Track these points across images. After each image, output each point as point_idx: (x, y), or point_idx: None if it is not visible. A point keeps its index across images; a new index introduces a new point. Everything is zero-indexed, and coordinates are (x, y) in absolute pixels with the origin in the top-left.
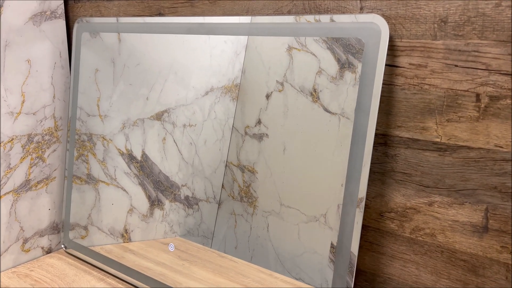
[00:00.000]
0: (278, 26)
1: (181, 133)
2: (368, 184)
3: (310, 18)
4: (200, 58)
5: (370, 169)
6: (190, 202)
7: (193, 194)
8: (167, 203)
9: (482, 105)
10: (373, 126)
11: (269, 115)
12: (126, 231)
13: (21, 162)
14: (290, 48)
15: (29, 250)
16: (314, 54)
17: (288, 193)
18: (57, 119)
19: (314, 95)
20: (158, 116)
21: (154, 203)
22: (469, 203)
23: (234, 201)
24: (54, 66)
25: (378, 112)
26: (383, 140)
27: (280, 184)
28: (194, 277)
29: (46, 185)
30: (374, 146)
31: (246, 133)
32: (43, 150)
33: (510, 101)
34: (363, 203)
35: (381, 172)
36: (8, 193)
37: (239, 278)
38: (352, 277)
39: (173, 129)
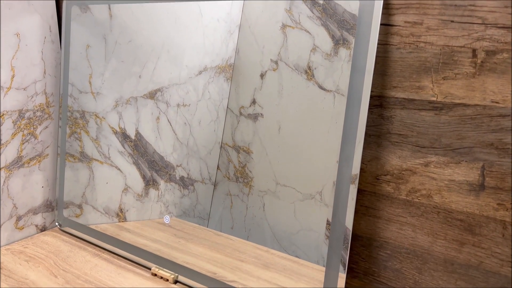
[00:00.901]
0: None
1: (175, 113)
2: (364, 148)
3: None
4: (192, 37)
5: (366, 132)
6: (185, 183)
7: (188, 174)
8: (162, 183)
9: (479, 61)
10: (368, 86)
11: (264, 95)
12: (121, 210)
13: (12, 138)
14: (284, 26)
15: (22, 228)
16: (308, 31)
17: (283, 172)
18: (48, 95)
19: (309, 72)
20: (151, 95)
21: (149, 183)
22: (466, 161)
23: (230, 181)
24: (44, 41)
25: (374, 73)
26: (378, 102)
27: (276, 164)
28: (190, 253)
29: (38, 162)
30: (369, 108)
31: (241, 114)
32: (34, 126)
33: (507, 55)
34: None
35: (376, 135)
36: None
37: (235, 254)
38: (347, 251)
39: (167, 108)
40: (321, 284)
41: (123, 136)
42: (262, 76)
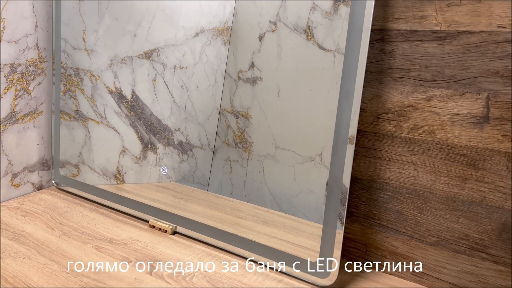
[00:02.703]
0: None
1: (172, 75)
2: (364, 86)
3: None
4: None
5: (367, 69)
6: (184, 148)
7: (186, 139)
8: (160, 147)
9: None
10: (369, 17)
11: (262, 58)
12: (119, 172)
13: (5, 93)
14: None
15: (19, 185)
16: None
17: (283, 135)
18: (40, 50)
19: (308, 32)
20: (147, 55)
21: (147, 145)
22: (470, 92)
23: (229, 147)
24: None
25: (375, 5)
26: (380, 35)
27: (275, 127)
28: (189, 211)
29: (33, 119)
30: (370, 43)
31: (239, 78)
32: (27, 81)
33: None
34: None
35: (377, 71)
36: None
37: (234, 212)
38: (344, 207)
39: (163, 70)
40: (319, 236)
41: (119, 96)
42: (260, 38)
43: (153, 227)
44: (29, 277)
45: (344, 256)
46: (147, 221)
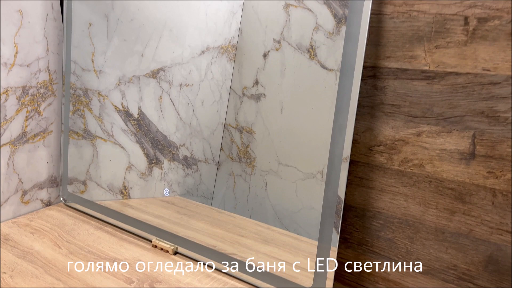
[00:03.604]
0: None
1: (178, 93)
2: (357, 119)
3: None
4: (195, 16)
5: (359, 103)
6: (188, 162)
7: (191, 154)
8: (165, 162)
9: (470, 28)
10: (361, 56)
11: (267, 75)
12: (125, 187)
13: (16, 114)
14: (287, 5)
15: (28, 202)
16: (311, 10)
17: (285, 151)
18: (51, 72)
19: (311, 52)
20: (154, 74)
21: (153, 161)
22: (457, 130)
23: (233, 162)
24: (47, 18)
25: (368, 44)
26: (372, 72)
27: (278, 143)
28: (192, 228)
29: (43, 138)
30: (363, 79)
31: (243, 94)
32: (38, 103)
33: (498, 22)
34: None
35: (370, 106)
36: (5, 144)
37: (236, 230)
38: (339, 223)
39: (170, 88)
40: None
41: (126, 114)
42: (265, 56)
43: (156, 246)
44: None
45: (339, 281)
46: (150, 240)
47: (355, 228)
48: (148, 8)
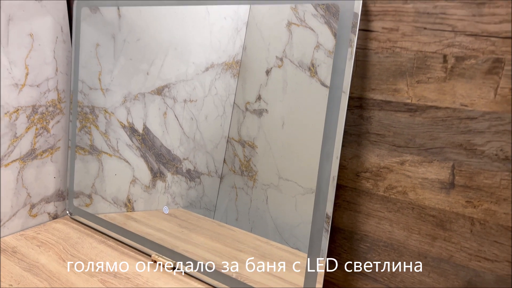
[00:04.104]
0: None
1: (182, 108)
2: (345, 146)
3: None
4: (199, 34)
5: (347, 131)
6: (192, 175)
7: (194, 167)
8: (169, 176)
9: (449, 66)
10: (347, 88)
11: (269, 91)
12: (129, 200)
13: (26, 132)
14: (289, 24)
15: (36, 215)
16: (312, 29)
17: (286, 166)
18: (60, 92)
19: (312, 70)
20: (159, 91)
21: (156, 175)
22: (437, 160)
23: (235, 175)
24: (56, 41)
25: (355, 76)
26: (358, 103)
27: (279, 158)
28: (191, 242)
29: (51, 154)
30: (350, 109)
31: (246, 109)
32: (47, 121)
33: (474, 61)
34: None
35: (357, 134)
36: (15, 160)
37: (235, 244)
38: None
39: (174, 104)
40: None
41: (131, 130)
42: (267, 72)
43: (155, 262)
44: None
45: None
46: (150, 255)
47: (344, 249)
48: (154, 28)
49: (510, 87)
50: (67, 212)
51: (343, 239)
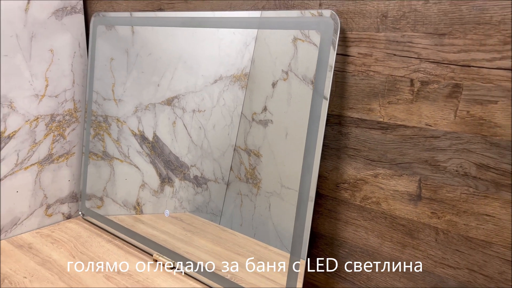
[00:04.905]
0: (247, 20)
1: (191, 118)
2: (326, 159)
3: (282, 13)
4: (208, 49)
5: (328, 145)
6: (199, 181)
7: (201, 174)
8: (177, 181)
9: (415, 89)
10: (325, 107)
11: (274, 102)
12: (138, 204)
13: (44, 138)
14: (295, 39)
15: (51, 215)
16: (315, 45)
17: (288, 175)
18: (76, 102)
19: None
20: (169, 102)
21: (165, 180)
22: (406, 174)
23: (241, 182)
24: (74, 55)
25: (335, 96)
26: (338, 120)
27: (282, 167)
28: (192, 244)
29: (66, 159)
30: (331, 126)
31: (253, 119)
32: (63, 128)
33: (437, 85)
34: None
35: (336, 148)
36: (33, 164)
37: (234, 248)
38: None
39: (183, 113)
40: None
41: (142, 138)
42: (273, 85)
43: (156, 261)
44: None
45: None
46: (152, 255)
47: (326, 254)
48: (165, 43)
49: (468, 110)
50: (80, 213)
51: (324, 245)
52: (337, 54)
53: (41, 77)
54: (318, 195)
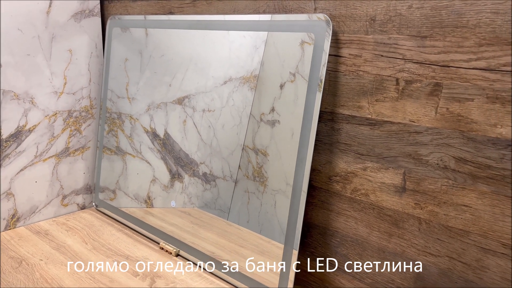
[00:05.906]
0: (252, 23)
1: (201, 117)
2: (320, 153)
3: (280, 17)
4: (219, 51)
5: (322, 140)
6: (207, 178)
7: (210, 171)
8: (186, 177)
9: (400, 88)
10: (318, 104)
11: (282, 103)
12: (149, 197)
13: (62, 133)
14: (302, 43)
15: (67, 205)
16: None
17: (293, 174)
18: (92, 99)
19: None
20: (180, 101)
21: (175, 176)
22: (392, 168)
23: (248, 180)
24: (91, 56)
25: (328, 94)
26: (330, 117)
27: (287, 166)
28: (198, 235)
29: (82, 153)
30: (324, 122)
31: (261, 120)
32: (80, 124)
33: (420, 84)
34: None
35: (329, 143)
36: (51, 157)
37: (238, 241)
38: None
39: (193, 113)
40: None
41: (153, 135)
42: (281, 86)
43: (162, 248)
44: (63, 280)
45: (302, 283)
46: (158, 243)
47: (319, 243)
48: (178, 45)
49: (447, 107)
50: (93, 204)
51: (318, 234)
52: (329, 55)
53: (60, 75)
54: (312, 187)
